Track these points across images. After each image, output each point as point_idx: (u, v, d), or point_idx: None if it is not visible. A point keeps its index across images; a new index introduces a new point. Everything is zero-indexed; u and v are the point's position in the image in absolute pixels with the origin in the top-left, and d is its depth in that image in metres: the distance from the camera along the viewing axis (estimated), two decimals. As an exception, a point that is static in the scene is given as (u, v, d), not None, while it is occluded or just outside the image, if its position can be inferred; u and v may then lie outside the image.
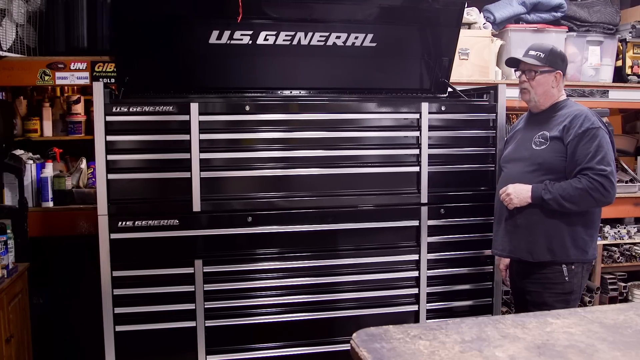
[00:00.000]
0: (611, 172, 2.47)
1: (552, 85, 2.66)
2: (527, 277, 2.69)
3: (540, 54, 2.64)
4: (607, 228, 4.01)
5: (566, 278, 2.58)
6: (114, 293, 2.67)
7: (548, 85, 2.66)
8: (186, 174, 2.71)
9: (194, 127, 2.70)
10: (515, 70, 2.79)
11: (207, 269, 2.76)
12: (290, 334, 2.86)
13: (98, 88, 2.62)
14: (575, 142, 2.52)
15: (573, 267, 2.58)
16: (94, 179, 3.32)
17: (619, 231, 4.02)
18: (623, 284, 4.04)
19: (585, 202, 2.49)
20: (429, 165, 2.95)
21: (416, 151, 2.95)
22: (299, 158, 2.83)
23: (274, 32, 3.01)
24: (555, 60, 2.65)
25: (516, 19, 4.02)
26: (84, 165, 3.63)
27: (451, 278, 3.04)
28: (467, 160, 3.02)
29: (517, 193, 2.61)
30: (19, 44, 3.37)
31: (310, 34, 3.05)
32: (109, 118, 2.63)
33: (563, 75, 2.69)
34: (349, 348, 1.43)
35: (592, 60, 4.10)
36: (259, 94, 3.21)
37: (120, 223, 2.66)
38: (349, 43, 3.13)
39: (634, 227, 4.08)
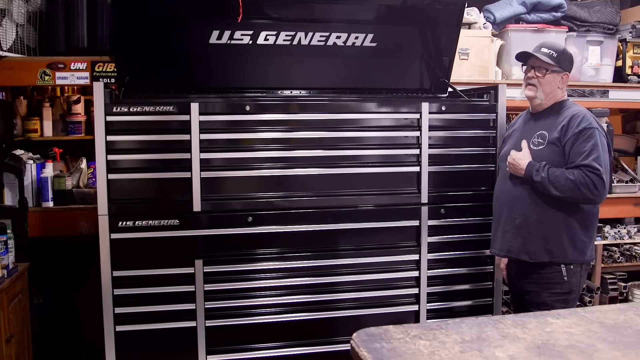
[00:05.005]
0: (604, 173, 2.47)
1: (559, 85, 2.67)
2: (526, 277, 2.69)
3: (552, 53, 2.63)
4: (607, 228, 4.01)
5: (565, 278, 2.58)
6: (114, 293, 2.67)
7: (555, 85, 2.66)
8: (186, 174, 2.71)
9: (194, 127, 2.70)
10: (522, 65, 2.75)
11: (208, 269, 2.76)
12: (290, 334, 2.86)
13: (98, 88, 2.62)
14: (571, 140, 2.53)
15: (572, 266, 2.59)
16: (94, 179, 3.32)
17: (619, 231, 4.02)
18: (623, 284, 4.04)
19: (572, 194, 2.49)
20: (429, 165, 2.95)
21: (416, 151, 2.95)
22: (298, 158, 2.83)
23: (274, 32, 3.01)
24: (565, 62, 2.66)
25: (516, 19, 4.01)
26: (84, 165, 3.63)
27: (451, 278, 3.04)
28: (467, 160, 3.02)
29: (514, 165, 2.64)
30: (19, 44, 3.36)
31: (310, 34, 3.05)
32: (109, 118, 2.63)
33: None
34: (349, 348, 1.43)
35: (592, 60, 4.10)
36: (259, 94, 3.21)
37: (120, 223, 2.66)
38: (349, 43, 3.12)
39: (634, 227, 4.08)
